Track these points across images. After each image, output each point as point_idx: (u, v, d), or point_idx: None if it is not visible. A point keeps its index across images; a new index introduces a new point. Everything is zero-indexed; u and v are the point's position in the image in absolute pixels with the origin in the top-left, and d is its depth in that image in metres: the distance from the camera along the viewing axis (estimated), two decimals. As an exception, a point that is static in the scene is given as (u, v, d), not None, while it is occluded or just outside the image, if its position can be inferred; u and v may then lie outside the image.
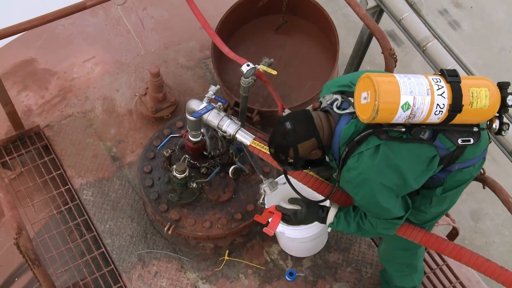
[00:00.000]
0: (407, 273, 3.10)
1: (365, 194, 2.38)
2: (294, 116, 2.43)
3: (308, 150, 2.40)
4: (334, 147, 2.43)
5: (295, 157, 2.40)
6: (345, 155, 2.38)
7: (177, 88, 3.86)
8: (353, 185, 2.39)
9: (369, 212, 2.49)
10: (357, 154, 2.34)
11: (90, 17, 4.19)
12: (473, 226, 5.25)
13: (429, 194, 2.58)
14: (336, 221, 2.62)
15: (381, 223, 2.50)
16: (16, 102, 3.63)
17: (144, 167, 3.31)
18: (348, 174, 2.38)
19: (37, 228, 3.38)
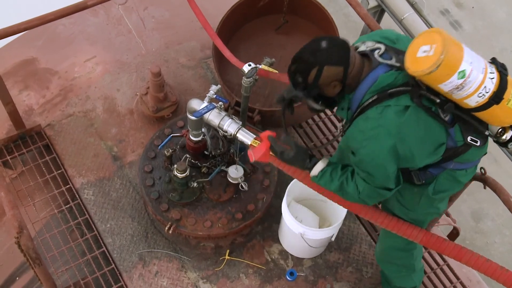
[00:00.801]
0: (405, 274, 3.09)
1: (373, 150, 2.31)
2: (332, 38, 2.35)
3: (331, 78, 2.31)
4: (358, 92, 2.36)
5: (314, 80, 2.31)
6: (369, 104, 2.31)
7: (178, 88, 3.87)
8: (364, 137, 2.31)
9: (364, 172, 2.39)
10: (383, 106, 2.28)
11: (91, 17, 4.19)
12: (474, 226, 5.25)
13: (420, 192, 2.58)
14: (321, 175, 2.52)
15: (368, 189, 2.42)
16: (17, 102, 3.63)
17: (145, 167, 3.31)
18: (365, 123, 2.31)
19: (38, 227, 3.38)
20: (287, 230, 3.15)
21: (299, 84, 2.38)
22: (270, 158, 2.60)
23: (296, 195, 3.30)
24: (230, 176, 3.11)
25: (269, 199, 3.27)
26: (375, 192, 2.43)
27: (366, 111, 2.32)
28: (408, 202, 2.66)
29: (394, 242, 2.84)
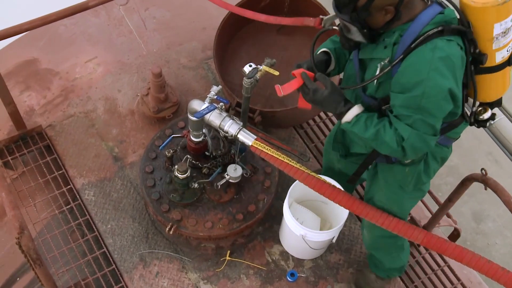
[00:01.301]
0: (396, 255, 3.13)
1: (441, 82, 2.16)
2: None
3: (387, 1, 2.15)
4: (417, 22, 2.21)
5: (368, 1, 2.14)
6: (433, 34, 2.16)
7: (179, 88, 3.87)
8: (431, 67, 2.15)
9: (418, 112, 2.22)
10: (449, 39, 2.17)
11: (92, 18, 4.19)
12: (475, 227, 5.24)
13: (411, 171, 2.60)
14: (355, 121, 2.36)
15: (415, 136, 2.25)
16: (19, 102, 3.63)
17: (146, 167, 3.31)
18: (432, 53, 2.16)
19: (38, 228, 3.38)
20: (288, 231, 3.15)
21: (347, 4, 2.19)
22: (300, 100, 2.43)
23: (297, 196, 3.30)
24: (228, 175, 3.10)
25: (270, 200, 3.27)
26: (421, 140, 2.28)
27: (429, 41, 2.17)
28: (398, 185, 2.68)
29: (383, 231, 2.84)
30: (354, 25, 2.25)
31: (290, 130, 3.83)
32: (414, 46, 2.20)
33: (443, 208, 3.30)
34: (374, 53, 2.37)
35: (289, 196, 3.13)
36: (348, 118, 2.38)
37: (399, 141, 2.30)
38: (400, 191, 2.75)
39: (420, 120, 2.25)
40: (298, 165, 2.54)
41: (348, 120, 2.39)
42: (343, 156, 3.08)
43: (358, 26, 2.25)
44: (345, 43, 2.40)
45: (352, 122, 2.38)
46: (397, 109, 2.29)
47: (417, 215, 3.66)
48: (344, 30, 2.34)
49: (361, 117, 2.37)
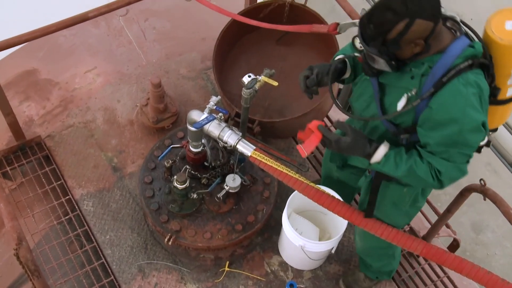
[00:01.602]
0: (387, 262, 3.17)
1: (474, 118, 2.15)
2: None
3: (417, 35, 2.10)
4: (447, 55, 2.18)
5: (398, 35, 2.09)
6: (465, 68, 2.14)
7: (178, 99, 3.87)
8: (466, 103, 2.13)
9: (457, 144, 2.21)
10: (478, 73, 2.17)
11: (92, 28, 4.21)
12: (474, 238, 5.23)
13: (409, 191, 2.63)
14: (384, 161, 2.32)
15: (451, 169, 2.26)
16: (18, 113, 3.64)
17: (145, 178, 3.30)
18: (465, 88, 2.13)
19: (37, 239, 3.37)
20: (287, 242, 3.14)
21: (377, 38, 2.13)
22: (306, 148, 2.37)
23: (296, 206, 3.30)
24: (228, 186, 3.10)
25: (269, 210, 3.26)
26: (458, 170, 2.28)
27: (460, 75, 2.14)
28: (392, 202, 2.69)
29: (374, 242, 2.83)
30: (382, 57, 2.20)
31: (289, 140, 3.83)
32: (446, 80, 2.16)
33: (442, 218, 3.29)
34: (399, 82, 2.32)
35: (288, 207, 3.13)
36: (377, 159, 2.35)
37: (434, 175, 2.29)
38: (394, 208, 2.75)
39: (457, 153, 2.25)
40: (297, 175, 2.54)
41: (378, 161, 2.35)
42: (340, 167, 3.09)
43: (386, 58, 2.20)
44: (368, 70, 2.34)
45: (381, 162, 2.34)
46: (431, 146, 2.27)
47: (416, 225, 3.65)
48: (369, 60, 2.28)
49: (389, 156, 2.33)
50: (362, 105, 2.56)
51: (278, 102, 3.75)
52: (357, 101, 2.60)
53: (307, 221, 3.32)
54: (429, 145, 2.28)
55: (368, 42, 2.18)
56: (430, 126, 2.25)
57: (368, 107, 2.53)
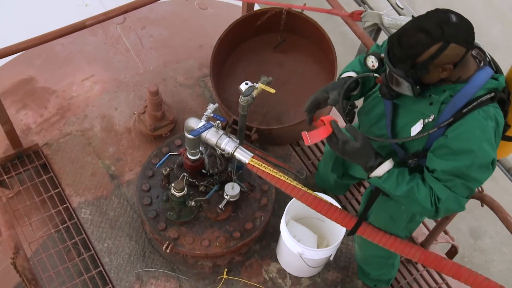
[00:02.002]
0: (385, 271, 3.16)
1: (488, 154, 2.13)
2: (460, 15, 2.05)
3: (448, 60, 2.04)
4: (471, 85, 2.12)
5: (429, 58, 2.02)
6: (486, 100, 2.09)
7: (176, 106, 3.87)
8: (484, 137, 2.10)
9: (465, 176, 2.17)
10: (495, 107, 2.13)
11: (90, 36, 4.21)
12: (473, 244, 5.23)
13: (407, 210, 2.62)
14: (386, 177, 2.26)
15: (452, 199, 2.21)
16: (15, 121, 3.63)
17: (143, 185, 3.30)
18: (485, 122, 2.10)
19: (34, 247, 3.36)
20: (285, 249, 3.14)
21: (405, 60, 2.07)
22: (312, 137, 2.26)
23: (294, 213, 3.30)
24: (228, 195, 3.10)
25: (267, 217, 3.26)
26: (457, 203, 2.24)
27: (481, 107, 2.10)
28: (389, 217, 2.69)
29: (374, 251, 2.82)
30: (407, 81, 2.13)
31: (287, 148, 3.83)
32: (466, 111, 2.12)
33: (440, 225, 3.29)
34: (417, 106, 2.28)
35: (286, 214, 3.13)
36: (378, 173, 2.29)
37: (433, 201, 2.25)
38: (391, 222, 2.74)
39: (461, 184, 2.21)
40: (295, 182, 2.54)
41: (379, 176, 2.29)
42: (340, 177, 3.09)
43: (411, 82, 2.13)
44: (387, 93, 2.29)
45: (383, 178, 2.28)
46: (438, 172, 2.23)
47: (414, 232, 3.65)
48: (392, 83, 2.22)
49: (392, 173, 2.27)
50: (371, 121, 2.53)
51: (276, 109, 3.76)
52: (367, 116, 2.56)
53: (305, 228, 3.32)
54: (436, 171, 2.24)
55: (395, 63, 2.12)
56: (442, 154, 2.21)
57: (377, 124, 2.50)
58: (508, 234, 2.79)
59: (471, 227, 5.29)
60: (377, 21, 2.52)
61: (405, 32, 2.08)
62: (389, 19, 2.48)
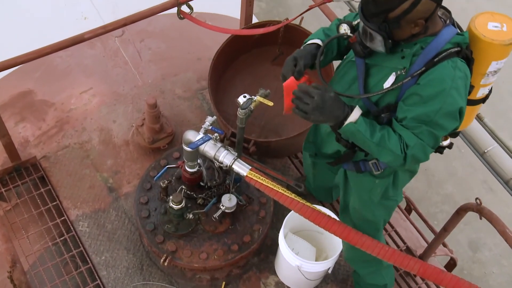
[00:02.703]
0: (374, 269, 3.14)
1: (456, 101, 2.23)
2: None
3: (420, 15, 2.16)
4: (439, 39, 2.25)
5: (402, 13, 2.13)
6: (453, 53, 2.23)
7: (174, 119, 3.88)
8: (452, 85, 2.21)
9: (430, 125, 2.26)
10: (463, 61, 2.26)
11: (88, 49, 4.23)
12: (472, 256, 5.22)
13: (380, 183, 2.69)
14: (361, 120, 2.31)
15: (419, 146, 2.29)
16: (13, 134, 3.63)
17: (141, 198, 3.30)
18: (454, 71, 2.22)
19: (31, 261, 3.35)
20: (283, 262, 3.13)
21: (378, 14, 2.17)
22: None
23: (292, 226, 3.29)
24: (224, 206, 3.09)
25: (265, 230, 3.25)
26: (423, 150, 2.32)
27: (450, 59, 2.23)
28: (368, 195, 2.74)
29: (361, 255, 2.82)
30: (380, 34, 2.23)
31: (285, 160, 3.83)
32: (437, 61, 2.24)
33: (438, 237, 3.29)
34: (388, 62, 2.37)
35: (285, 227, 3.12)
36: (353, 119, 2.31)
37: (402, 148, 2.32)
38: (367, 198, 2.80)
39: (427, 131, 2.30)
40: (293, 195, 2.54)
41: (354, 120, 2.32)
42: (313, 156, 3.10)
43: (385, 36, 2.23)
44: (361, 51, 2.39)
45: (358, 122, 2.32)
46: (407, 120, 2.32)
47: (413, 244, 3.65)
48: (365, 39, 2.32)
49: (365, 119, 2.34)
50: (344, 87, 2.60)
51: (274, 122, 3.76)
52: (339, 83, 2.64)
53: (303, 241, 3.31)
54: (405, 119, 2.32)
55: (369, 18, 2.21)
56: (413, 101, 2.29)
57: (350, 89, 2.57)
58: (507, 246, 2.79)
59: (470, 239, 5.28)
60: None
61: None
62: None
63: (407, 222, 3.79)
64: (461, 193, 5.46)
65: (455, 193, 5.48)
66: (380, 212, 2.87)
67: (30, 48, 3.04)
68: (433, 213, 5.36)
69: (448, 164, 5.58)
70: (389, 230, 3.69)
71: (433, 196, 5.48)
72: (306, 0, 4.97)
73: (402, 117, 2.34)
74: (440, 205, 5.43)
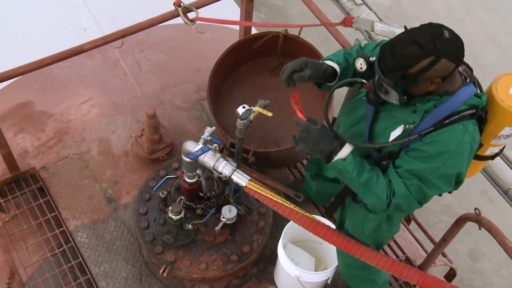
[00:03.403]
0: (369, 287, 3.13)
1: (455, 166, 2.21)
2: (452, 31, 2.10)
3: (438, 73, 2.10)
4: (455, 99, 2.20)
5: (420, 71, 2.07)
6: (466, 116, 2.18)
7: (173, 129, 3.88)
8: (458, 149, 2.18)
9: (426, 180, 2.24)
10: (474, 124, 2.22)
11: (88, 60, 4.24)
12: (471, 266, 5.20)
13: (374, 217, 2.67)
14: (350, 159, 2.26)
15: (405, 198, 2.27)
16: (12, 144, 3.63)
17: (140, 209, 3.29)
18: (463, 135, 2.18)
19: (30, 272, 3.34)
20: (283, 272, 3.12)
21: (395, 71, 2.12)
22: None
23: (291, 236, 3.29)
24: (225, 217, 3.09)
25: (265, 240, 3.25)
26: (409, 203, 2.30)
27: (461, 122, 2.19)
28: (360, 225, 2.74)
29: (351, 260, 2.83)
30: (396, 90, 2.18)
31: (284, 170, 3.83)
32: (448, 122, 2.20)
33: (438, 247, 3.29)
34: (399, 113, 2.32)
35: (284, 237, 3.11)
36: (342, 155, 2.28)
37: (389, 194, 2.30)
38: (359, 227, 2.80)
39: (418, 186, 2.27)
40: (292, 205, 2.54)
41: (343, 157, 2.28)
42: (313, 176, 3.10)
43: (400, 92, 2.18)
44: (373, 100, 2.34)
45: (347, 160, 2.28)
46: (402, 169, 2.29)
47: (412, 254, 3.64)
48: (379, 90, 2.27)
49: (354, 157, 2.30)
50: (351, 122, 2.58)
51: (273, 132, 3.76)
52: (348, 116, 2.62)
53: (303, 251, 3.31)
54: (401, 168, 2.30)
55: (386, 73, 2.16)
56: (413, 155, 2.27)
57: (356, 125, 2.55)
58: (507, 257, 2.78)
59: (470, 249, 5.27)
60: (368, 28, 2.58)
61: (398, 43, 2.12)
62: (381, 25, 2.52)
63: (407, 232, 3.79)
64: (461, 203, 5.45)
65: (455, 203, 5.47)
66: (371, 241, 2.85)
67: (29, 59, 3.05)
68: (432, 223, 5.36)
69: (447, 174, 5.58)
70: (389, 240, 3.69)
71: (432, 206, 5.48)
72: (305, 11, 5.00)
73: (399, 165, 2.32)
74: (439, 215, 5.42)
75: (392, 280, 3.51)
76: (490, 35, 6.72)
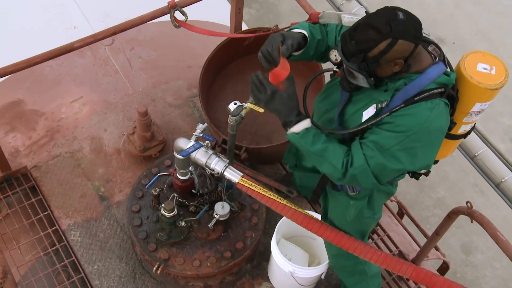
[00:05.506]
0: (359, 278, 3.12)
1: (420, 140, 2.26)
2: (407, 12, 2.17)
3: (398, 54, 2.16)
4: (423, 77, 2.25)
5: (380, 54, 2.14)
6: (435, 94, 2.24)
7: (165, 127, 3.88)
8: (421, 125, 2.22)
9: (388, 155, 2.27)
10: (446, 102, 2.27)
11: (78, 58, 4.22)
12: (464, 259, 5.23)
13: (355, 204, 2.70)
14: (304, 133, 2.35)
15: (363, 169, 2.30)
16: (3, 144, 3.62)
17: (133, 206, 3.29)
18: (430, 112, 2.23)
19: (23, 271, 3.32)
20: (276, 268, 3.13)
21: (358, 54, 2.18)
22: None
23: (285, 232, 3.29)
24: (218, 214, 3.09)
25: (258, 236, 3.25)
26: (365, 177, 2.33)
27: (430, 99, 2.24)
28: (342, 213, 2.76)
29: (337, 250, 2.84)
30: (361, 73, 2.25)
31: (276, 166, 3.83)
32: (417, 100, 2.24)
33: (430, 241, 3.30)
34: (372, 93, 2.37)
35: (277, 233, 3.12)
36: (296, 129, 2.37)
37: (345, 163, 2.33)
38: (342, 215, 2.81)
39: (378, 160, 2.30)
40: (285, 201, 2.54)
41: (296, 132, 2.37)
42: (293, 167, 3.11)
43: (365, 74, 2.25)
44: (346, 86, 2.40)
45: (300, 134, 2.37)
46: (367, 140, 2.32)
47: (405, 248, 3.65)
48: (348, 76, 2.33)
49: (309, 131, 2.36)
50: (326, 107, 2.63)
51: (265, 129, 3.77)
52: (321, 103, 2.66)
53: (296, 246, 3.31)
54: (366, 139, 2.33)
55: (349, 57, 2.23)
56: (381, 126, 2.31)
57: (331, 111, 2.58)
58: (500, 250, 2.80)
59: (462, 242, 5.30)
60: (335, 21, 2.60)
61: (356, 29, 2.20)
62: (348, 17, 2.55)
63: (400, 226, 3.80)
64: (453, 197, 5.48)
65: (447, 197, 5.50)
66: (355, 229, 2.86)
67: (19, 57, 3.03)
68: (425, 217, 5.38)
69: (440, 168, 5.60)
70: (382, 235, 3.70)
71: (425, 200, 5.50)
72: (296, 7, 5.00)
73: (366, 136, 2.35)
74: (432, 209, 5.44)
75: (386, 275, 3.52)
76: (480, 29, 6.75)
